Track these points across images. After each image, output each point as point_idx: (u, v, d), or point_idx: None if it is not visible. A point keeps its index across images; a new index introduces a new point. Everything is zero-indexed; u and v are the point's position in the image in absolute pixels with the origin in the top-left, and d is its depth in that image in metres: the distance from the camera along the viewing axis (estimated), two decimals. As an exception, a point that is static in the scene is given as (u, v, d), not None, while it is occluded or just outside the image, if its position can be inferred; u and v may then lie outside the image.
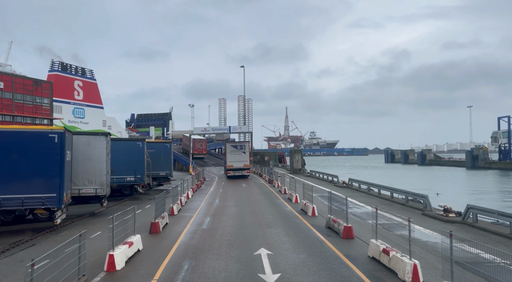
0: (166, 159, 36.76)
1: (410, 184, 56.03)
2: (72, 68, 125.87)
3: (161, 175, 36.64)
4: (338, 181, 37.69)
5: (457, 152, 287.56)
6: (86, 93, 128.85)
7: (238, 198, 28.00)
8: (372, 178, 65.36)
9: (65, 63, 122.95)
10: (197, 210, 22.60)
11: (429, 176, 79.30)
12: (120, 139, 30.62)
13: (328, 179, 42.56)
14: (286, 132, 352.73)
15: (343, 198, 15.81)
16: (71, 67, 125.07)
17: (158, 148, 36.40)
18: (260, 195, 29.83)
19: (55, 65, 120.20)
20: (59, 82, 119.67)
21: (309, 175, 51.99)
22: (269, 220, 18.64)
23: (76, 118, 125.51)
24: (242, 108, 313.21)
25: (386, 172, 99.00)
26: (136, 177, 29.14)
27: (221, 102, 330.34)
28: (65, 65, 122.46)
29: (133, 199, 29.90)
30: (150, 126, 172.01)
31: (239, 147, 47.40)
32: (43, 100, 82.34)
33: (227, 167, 47.08)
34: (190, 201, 27.25)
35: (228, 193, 32.22)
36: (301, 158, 58.90)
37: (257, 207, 23.42)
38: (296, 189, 25.58)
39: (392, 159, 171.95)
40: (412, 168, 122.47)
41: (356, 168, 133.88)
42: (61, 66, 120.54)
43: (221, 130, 75.00)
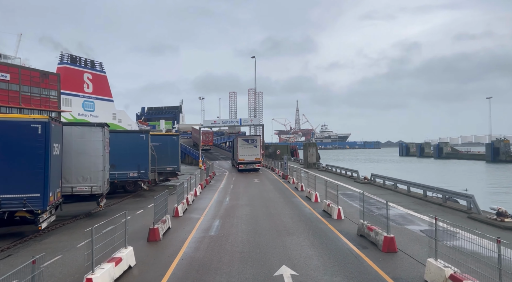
0: (173, 153, 34.34)
1: (432, 178, 52.67)
2: (82, 61, 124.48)
3: (168, 169, 34.28)
4: (358, 176, 34.76)
5: (472, 144, 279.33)
6: (96, 86, 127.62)
7: (250, 196, 25.40)
8: (390, 172, 62.09)
9: (75, 56, 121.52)
10: (205, 211, 20.05)
11: (449, 170, 75.56)
12: (121, 131, 28.25)
13: (346, 174, 39.63)
14: (297, 126, 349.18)
15: (372, 198, 13.01)
16: (81, 60, 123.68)
17: (164, 141, 33.97)
18: (275, 192, 27.16)
19: (64, 58, 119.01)
20: (68, 75, 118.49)
21: (324, 170, 49.11)
22: (288, 224, 15.96)
23: (85, 112, 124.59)
24: (252, 102, 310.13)
25: (403, 165, 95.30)
26: (140, 172, 26.75)
27: (232, 96, 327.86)
28: (74, 57, 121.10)
29: (136, 196, 27.56)
30: (160, 120, 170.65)
31: (250, 141, 47.32)
32: (50, 93, 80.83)
33: (238, 160, 46.78)
34: (198, 199, 24.75)
35: (239, 189, 29.66)
36: (315, 151, 55.97)
37: (273, 206, 20.76)
38: (315, 187, 22.79)
39: (407, 152, 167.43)
40: (428, 161, 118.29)
41: (370, 161, 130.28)
42: (70, 59, 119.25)
43: (232, 123, 72.42)
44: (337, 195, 17.45)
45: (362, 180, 33.01)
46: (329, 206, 18.01)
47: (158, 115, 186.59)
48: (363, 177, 33.30)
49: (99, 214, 20.21)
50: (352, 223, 15.86)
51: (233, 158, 60.70)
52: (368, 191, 26.88)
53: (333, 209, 17.30)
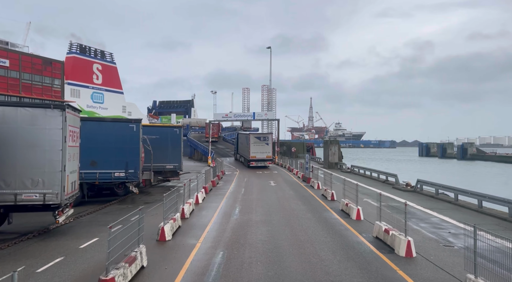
0: (174, 148, 28.76)
1: (483, 185, 45.93)
2: (91, 51, 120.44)
3: (168, 168, 28.72)
4: (397, 181, 28.54)
5: (491, 146, 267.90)
6: (106, 77, 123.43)
7: (267, 206, 19.58)
8: (423, 175, 55.43)
9: (84, 45, 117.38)
10: (204, 230, 14.29)
11: (488, 173, 67.94)
12: (104, 119, 22.67)
13: (379, 177, 33.42)
14: (310, 123, 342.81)
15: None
16: (90, 50, 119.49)
17: (163, 134, 28.40)
18: (297, 201, 21.26)
19: (73, 47, 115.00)
20: (77, 65, 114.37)
21: (349, 171, 42.93)
22: (332, 267, 10.02)
23: (94, 103, 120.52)
24: (266, 98, 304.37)
25: (429, 167, 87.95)
26: (128, 171, 21.19)
27: (245, 92, 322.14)
28: (83, 47, 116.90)
29: (122, 202, 21.98)
30: (171, 114, 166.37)
31: (262, 138, 47.29)
32: (53, 81, 76.21)
33: (250, 157, 46.53)
34: (198, 210, 19.06)
35: (252, 195, 23.86)
36: (338, 150, 49.76)
37: (299, 226, 14.88)
38: (358, 200, 16.72)
39: (427, 152, 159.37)
40: (454, 163, 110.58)
41: (389, 161, 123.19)
42: (79, 48, 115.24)
43: (244, 117, 66.67)
44: (406, 222, 11.28)
45: (403, 187, 26.80)
46: (389, 234, 12.00)
47: (170, 109, 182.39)
48: (404, 183, 27.07)
49: (60, 230, 14.67)
50: (431, 265, 9.88)
51: (236, 151, 61.18)
52: (420, 202, 20.72)
53: (399, 241, 11.26)
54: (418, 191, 24.98)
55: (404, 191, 25.81)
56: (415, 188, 25.33)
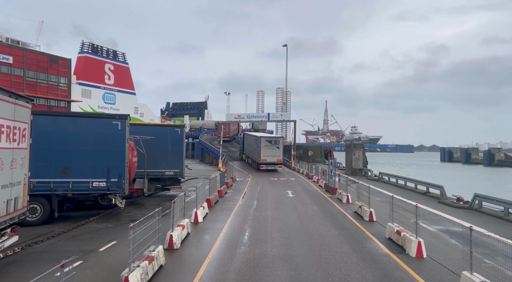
0: (175, 151, 24.35)
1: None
2: (103, 51, 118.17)
3: (167, 174, 24.30)
4: (444, 195, 23.31)
5: None
6: (118, 77, 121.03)
7: (286, 229, 14.81)
8: (453, 182, 49.73)
9: (96, 45, 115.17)
10: (196, 277, 9.63)
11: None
12: (80, 115, 18.23)
13: (416, 188, 28.17)
14: (325, 127, 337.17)
15: None
16: (102, 50, 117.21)
17: (162, 134, 24.02)
18: (326, 223, 16.39)
19: (85, 47, 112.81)
20: (89, 64, 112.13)
21: (377, 179, 37.73)
22: None
23: (106, 104, 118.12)
24: (280, 100, 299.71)
25: (458, 173, 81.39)
26: (110, 180, 16.73)
27: (259, 95, 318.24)
28: (95, 46, 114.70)
29: (103, 219, 17.45)
30: (185, 115, 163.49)
31: (273, 142, 47.14)
32: (59, 80, 73.25)
33: (260, 160, 46.36)
34: (196, 233, 14.44)
35: (267, 211, 19.11)
36: (363, 154, 44.54)
37: (338, 271, 10.06)
38: (418, 229, 11.76)
39: (450, 157, 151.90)
40: (483, 169, 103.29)
41: (409, 166, 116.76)
42: (91, 48, 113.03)
43: (258, 118, 61.99)
44: None
45: (454, 202, 21.57)
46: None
47: (183, 111, 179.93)
48: (454, 197, 21.82)
49: (-9, 269, 10.24)
50: None
51: (242, 151, 62.26)
52: (490, 227, 15.56)
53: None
54: (475, 208, 19.76)
55: (457, 207, 20.62)
56: (471, 205, 20.10)
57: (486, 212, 18.91)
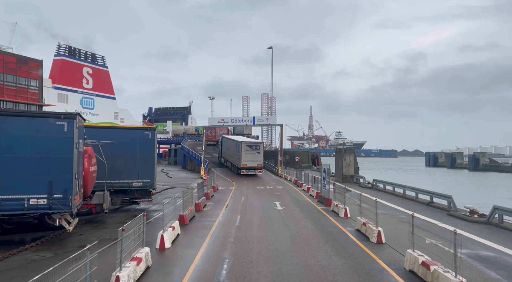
0: (145, 159, 20.88)
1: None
2: (81, 54, 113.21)
3: (135, 185, 20.76)
4: (453, 206, 20.46)
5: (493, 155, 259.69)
6: (97, 81, 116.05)
7: (277, 258, 11.56)
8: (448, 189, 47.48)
9: (73, 48, 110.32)
10: None
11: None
12: (11, 113, 14.47)
13: (417, 197, 25.36)
14: (310, 132, 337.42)
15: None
16: (80, 52, 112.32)
17: (128, 139, 20.53)
18: (325, 246, 13.20)
19: (62, 49, 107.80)
20: (65, 68, 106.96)
21: (370, 186, 34.93)
22: None
23: (84, 109, 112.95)
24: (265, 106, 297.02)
25: (446, 178, 79.86)
26: (53, 197, 13.19)
27: (244, 100, 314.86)
28: (73, 49, 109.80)
29: (43, 246, 13.74)
30: (167, 121, 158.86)
31: (254, 147, 47.38)
32: (29, 82, 68.13)
33: (241, 165, 46.47)
34: (160, 264, 11.03)
35: (252, 230, 15.79)
36: (354, 160, 41.79)
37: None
38: (457, 262, 8.72)
39: (435, 162, 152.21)
40: (469, 174, 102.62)
41: (396, 171, 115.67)
42: (68, 51, 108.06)
43: (243, 122, 58.70)
44: None
45: (467, 215, 18.73)
46: None
47: (166, 117, 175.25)
48: (468, 209, 18.99)
49: None
50: None
51: (221, 155, 63.27)
52: None
53: None
54: (495, 223, 16.95)
55: (472, 221, 17.78)
56: (489, 218, 17.28)
57: (506, 227, 16.11)
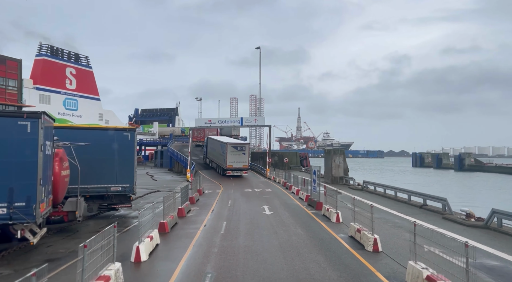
0: (124, 161, 19.49)
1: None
2: (64, 54, 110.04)
3: (113, 190, 19.36)
4: (447, 209, 19.64)
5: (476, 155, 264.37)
6: (80, 82, 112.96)
7: (265, 272, 10.39)
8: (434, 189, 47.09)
9: (56, 47, 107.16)
10: None
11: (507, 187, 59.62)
12: None
13: (410, 200, 24.51)
14: (299, 133, 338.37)
15: None
16: (63, 52, 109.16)
17: (105, 141, 19.13)
18: (319, 256, 12.08)
19: (44, 49, 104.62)
20: (47, 68, 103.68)
21: (361, 188, 34.10)
22: None
23: (67, 110, 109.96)
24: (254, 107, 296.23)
25: (433, 179, 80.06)
26: (14, 205, 11.78)
27: (233, 101, 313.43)
28: (55, 49, 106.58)
29: (2, 260, 12.35)
30: (154, 122, 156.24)
31: (239, 148, 47.21)
32: (7, 82, 65.38)
33: (226, 166, 46.28)
34: (133, 281, 9.77)
35: (238, 238, 14.59)
36: (344, 161, 40.98)
37: None
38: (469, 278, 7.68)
39: (421, 162, 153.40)
40: (455, 175, 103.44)
41: (383, 171, 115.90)
42: (50, 50, 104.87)
43: (231, 123, 57.45)
44: None
45: (464, 219, 17.92)
46: None
47: (153, 118, 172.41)
48: (464, 213, 18.19)
49: None
50: None
51: (206, 155, 63.30)
52: None
53: None
54: (493, 227, 16.15)
55: (469, 226, 16.96)
56: (487, 223, 16.48)
57: (505, 232, 15.32)
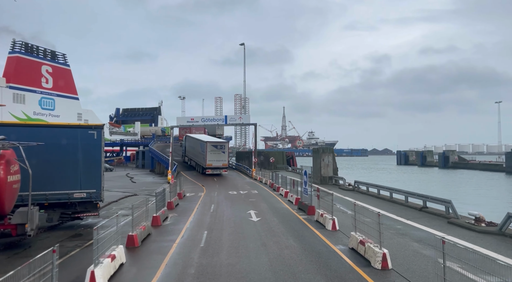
0: (89, 164, 16.93)
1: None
2: (40, 51, 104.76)
3: (77, 197, 16.75)
4: (451, 212, 17.80)
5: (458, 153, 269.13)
6: (57, 81, 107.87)
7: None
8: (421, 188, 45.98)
9: (31, 44, 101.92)
10: None
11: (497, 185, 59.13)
12: None
13: (407, 201, 22.68)
14: (284, 132, 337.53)
15: None
16: (38, 49, 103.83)
17: (65, 139, 16.50)
18: (319, 279, 9.98)
19: (17, 46, 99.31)
20: (21, 66, 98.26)
21: (352, 189, 32.27)
22: None
23: (43, 110, 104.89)
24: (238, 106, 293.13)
25: (420, 177, 79.49)
26: None
27: (217, 101, 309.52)
28: (30, 46, 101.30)
29: None
30: (136, 122, 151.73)
31: (219, 147, 48.10)
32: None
33: (206, 165, 47.02)
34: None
35: (220, 255, 12.32)
36: (333, 160, 39.15)
37: None
38: None
39: (406, 160, 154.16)
40: (441, 172, 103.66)
41: (369, 170, 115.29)
42: (24, 47, 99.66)
43: (214, 121, 54.89)
44: None
45: (472, 223, 16.10)
46: None
47: (134, 118, 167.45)
48: (473, 217, 16.37)
49: None
50: None
51: (184, 154, 64.11)
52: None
53: None
54: (509, 233, 14.33)
55: (481, 232, 15.12)
56: (501, 228, 14.67)
57: (506, 234, 13.53)
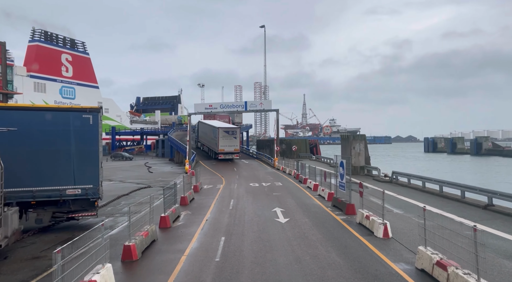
0: (84, 154, 14.10)
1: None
2: (59, 39, 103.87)
3: (70, 194, 13.99)
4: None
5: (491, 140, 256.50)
6: (77, 69, 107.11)
7: None
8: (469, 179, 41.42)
9: (50, 33, 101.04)
10: None
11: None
12: None
13: (464, 197, 18.92)
14: (304, 120, 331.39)
15: None
16: (58, 38, 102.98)
17: (54, 125, 13.66)
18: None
19: (37, 34, 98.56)
20: (41, 54, 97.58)
21: (389, 181, 28.57)
22: None
23: (64, 99, 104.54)
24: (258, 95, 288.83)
25: (458, 166, 74.05)
26: None
27: (237, 89, 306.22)
28: (49, 34, 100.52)
29: None
30: (156, 110, 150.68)
31: (231, 133, 48.96)
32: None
33: (218, 150, 48.41)
34: None
35: (242, 274, 9.29)
36: (365, 148, 35.34)
37: None
38: None
39: (434, 148, 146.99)
40: (473, 160, 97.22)
41: (395, 157, 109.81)
42: (44, 36, 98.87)
43: (234, 108, 51.78)
44: None
45: None
46: None
47: (155, 106, 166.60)
48: None
49: None
50: None
51: (197, 139, 67.53)
52: None
53: None
54: None
55: None
56: None
57: None
